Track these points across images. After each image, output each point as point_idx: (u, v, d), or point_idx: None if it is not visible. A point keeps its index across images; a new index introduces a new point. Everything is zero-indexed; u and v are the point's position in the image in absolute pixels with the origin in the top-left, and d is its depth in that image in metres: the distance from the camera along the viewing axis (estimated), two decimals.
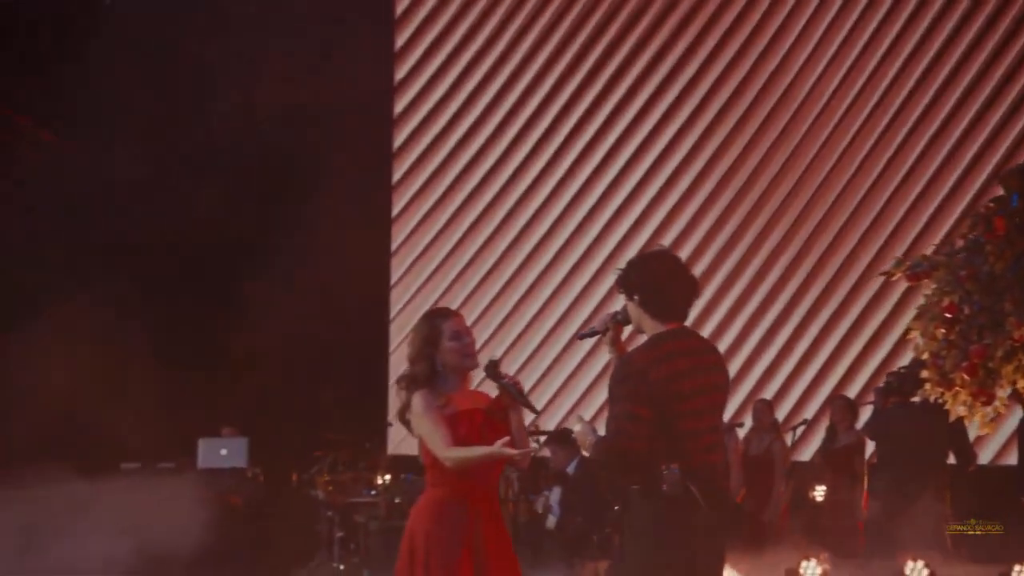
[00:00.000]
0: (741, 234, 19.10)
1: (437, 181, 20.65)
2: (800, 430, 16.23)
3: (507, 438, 7.06)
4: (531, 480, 16.43)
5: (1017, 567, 11.89)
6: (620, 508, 7.13)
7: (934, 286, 10.92)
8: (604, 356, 8.10)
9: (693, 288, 7.06)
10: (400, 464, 16.77)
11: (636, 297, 6.96)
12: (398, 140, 21.05)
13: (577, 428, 7.04)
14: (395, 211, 20.81)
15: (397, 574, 7.45)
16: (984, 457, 16.29)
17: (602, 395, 17.18)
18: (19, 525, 13.08)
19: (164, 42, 18.45)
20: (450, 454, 7.19)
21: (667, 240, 19.04)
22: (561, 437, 15.65)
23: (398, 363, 19.65)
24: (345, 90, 18.92)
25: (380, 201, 20.73)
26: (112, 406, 16.34)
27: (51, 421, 15.51)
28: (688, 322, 7.06)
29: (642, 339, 6.94)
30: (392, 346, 20.33)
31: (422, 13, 21.31)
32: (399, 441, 18.35)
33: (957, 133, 18.61)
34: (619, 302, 6.91)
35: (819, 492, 15.15)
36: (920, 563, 12.30)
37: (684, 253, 17.52)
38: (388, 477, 16.14)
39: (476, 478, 7.34)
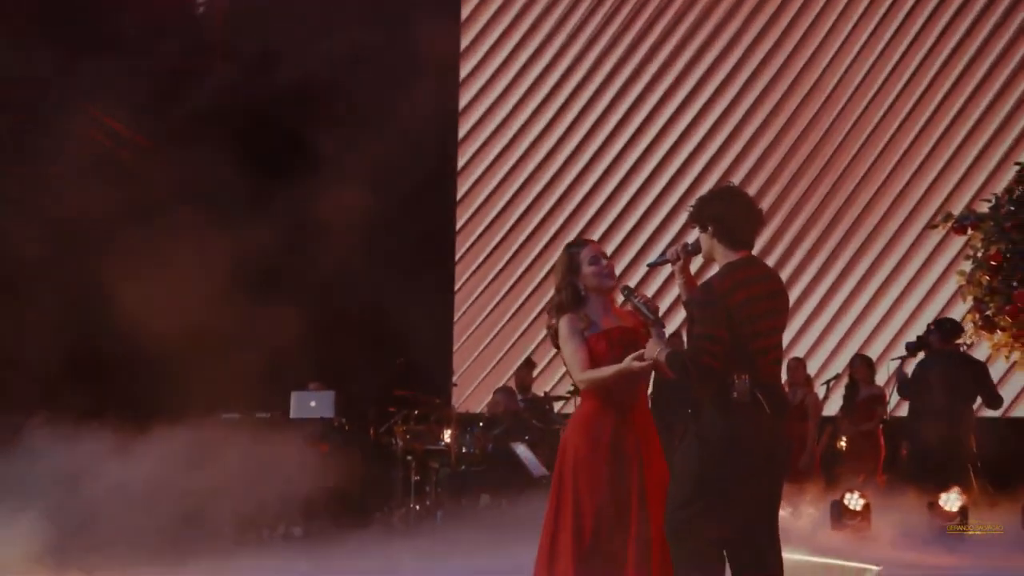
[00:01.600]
0: (780, 204, 19.54)
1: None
2: (830, 384, 16.49)
3: (638, 352, 7.20)
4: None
5: None
6: (691, 414, 7.17)
7: (981, 237, 11.34)
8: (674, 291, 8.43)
9: (760, 219, 7.29)
10: (465, 419, 17.04)
11: (710, 228, 7.13)
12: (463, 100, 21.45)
13: (650, 343, 7.18)
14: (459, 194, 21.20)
15: (553, 480, 7.72)
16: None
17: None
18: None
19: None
20: (582, 376, 7.45)
21: None
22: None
23: (461, 332, 20.71)
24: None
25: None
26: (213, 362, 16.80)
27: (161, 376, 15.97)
28: None
29: (711, 269, 7.18)
30: (456, 316, 20.84)
31: None
32: (463, 399, 19.18)
33: (990, 96, 19.10)
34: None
35: (843, 442, 15.80)
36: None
37: None
38: (450, 432, 16.34)
39: (620, 392, 7.46)
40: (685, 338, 7.53)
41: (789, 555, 7.16)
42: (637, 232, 20.53)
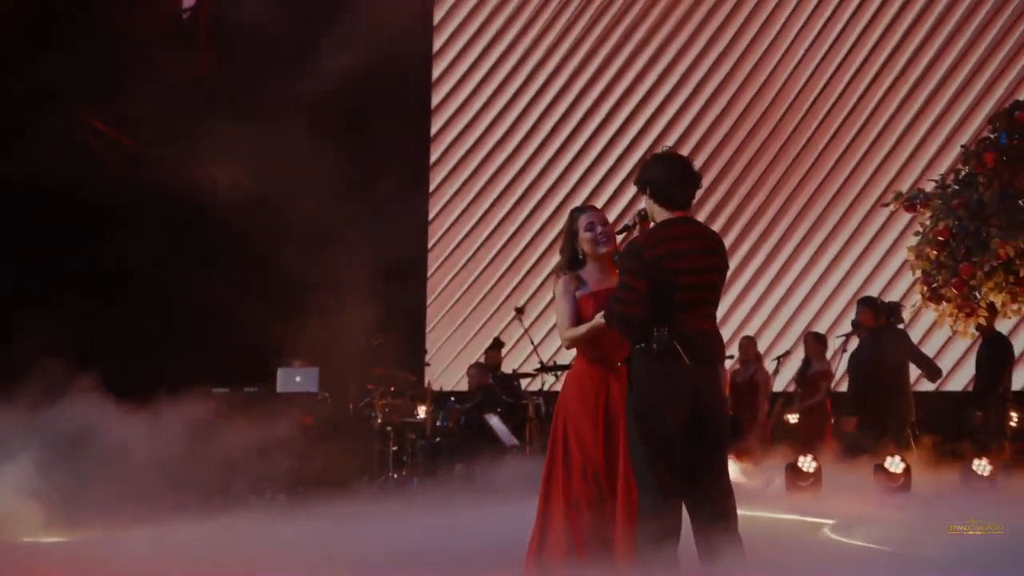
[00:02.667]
0: (736, 188, 19.89)
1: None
2: (780, 360, 16.56)
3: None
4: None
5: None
6: (626, 361, 7.26)
7: (929, 214, 11.71)
8: None
9: (694, 180, 7.38)
10: (439, 395, 17.29)
11: (648, 190, 7.34)
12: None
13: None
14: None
15: (549, 436, 7.84)
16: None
17: None
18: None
19: None
20: (565, 335, 7.71)
21: None
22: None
23: (434, 314, 21.06)
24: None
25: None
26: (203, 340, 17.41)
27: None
28: None
29: None
30: (429, 300, 21.21)
31: None
32: (437, 376, 19.41)
33: (934, 82, 19.43)
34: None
35: (792, 417, 16.08)
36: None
37: None
38: (425, 408, 16.64)
39: (607, 348, 7.61)
40: None
41: (745, 512, 7.28)
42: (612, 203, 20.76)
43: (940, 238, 11.74)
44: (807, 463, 13.42)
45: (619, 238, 8.11)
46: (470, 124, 21.65)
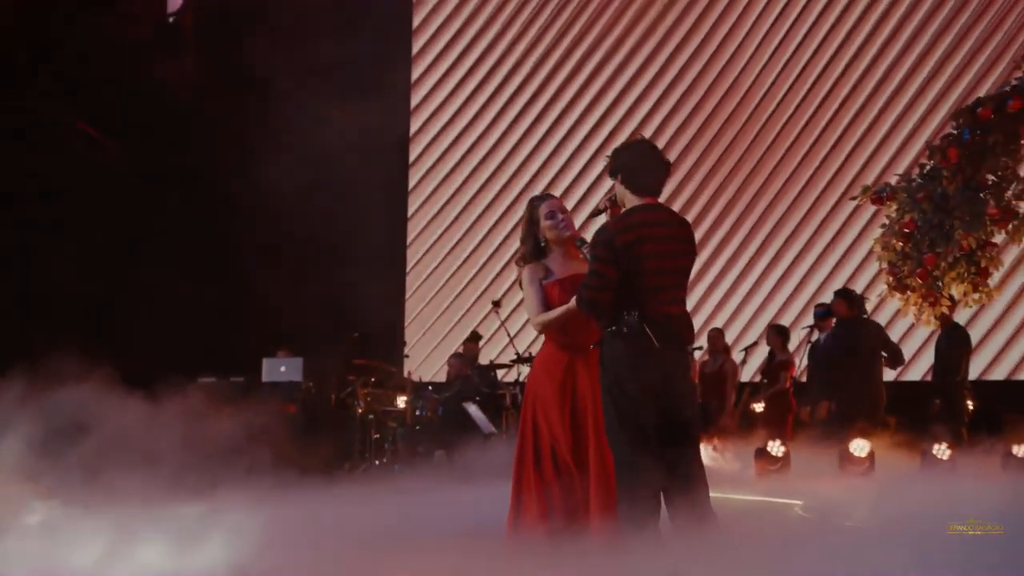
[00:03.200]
0: (705, 184, 19.96)
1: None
2: (747, 351, 16.90)
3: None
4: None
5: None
6: (598, 344, 7.31)
7: (894, 206, 11.96)
8: None
9: (664, 168, 7.41)
10: (418, 385, 17.23)
11: (619, 176, 7.34)
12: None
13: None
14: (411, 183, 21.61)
15: (520, 421, 7.89)
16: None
17: None
18: None
19: None
20: (535, 319, 7.69)
21: None
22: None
23: (412, 309, 21.19)
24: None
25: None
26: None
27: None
28: None
29: None
30: (408, 294, 21.32)
31: None
32: (416, 367, 19.25)
33: (897, 79, 19.49)
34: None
35: (758, 406, 16.19)
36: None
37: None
38: (405, 397, 16.68)
39: (574, 333, 7.61)
40: None
41: (716, 494, 7.35)
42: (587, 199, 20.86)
43: (906, 230, 11.88)
44: (776, 447, 13.64)
45: (592, 220, 8.28)
46: (448, 124, 21.77)
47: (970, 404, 14.42)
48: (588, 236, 7.47)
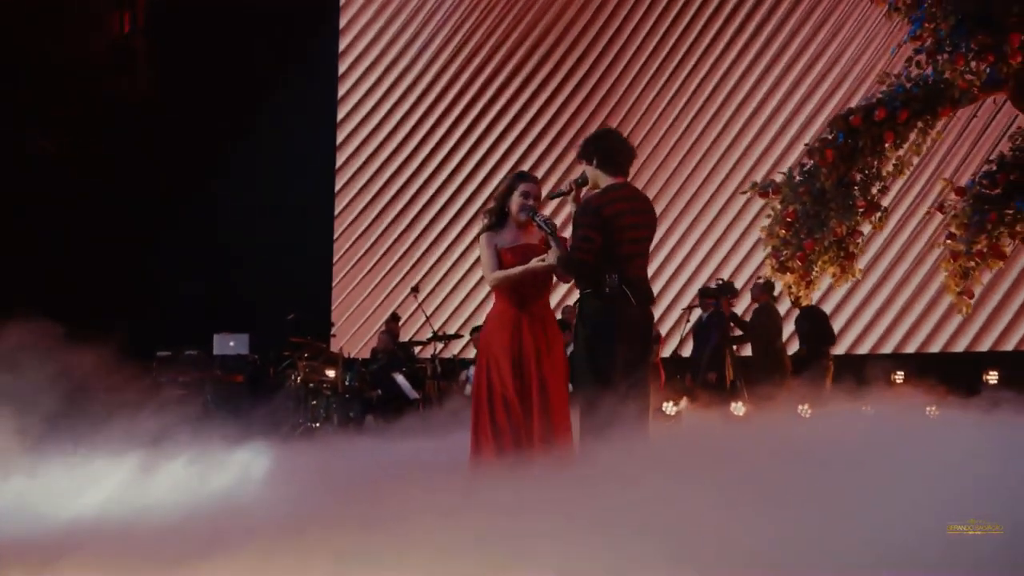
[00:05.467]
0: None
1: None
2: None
3: (540, 257, 7.78)
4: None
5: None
6: (576, 304, 7.78)
7: (779, 199, 12.70)
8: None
9: (632, 152, 7.88)
10: (348, 360, 17.62)
11: (594, 160, 7.71)
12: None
13: (550, 252, 7.70)
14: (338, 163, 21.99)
15: (475, 367, 8.22)
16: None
17: None
18: None
19: None
20: (492, 276, 7.97)
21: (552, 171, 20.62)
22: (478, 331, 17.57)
23: (338, 294, 21.63)
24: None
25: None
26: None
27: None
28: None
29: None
30: (335, 281, 21.76)
31: None
32: (343, 343, 19.86)
33: (783, 90, 20.22)
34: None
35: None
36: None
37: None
38: (335, 370, 16.80)
39: (523, 291, 7.96)
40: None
41: None
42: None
43: (788, 219, 12.25)
44: (669, 407, 14.15)
45: (554, 202, 8.81)
46: (375, 129, 22.23)
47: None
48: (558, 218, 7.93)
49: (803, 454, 7.23)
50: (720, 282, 15.69)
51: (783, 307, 16.22)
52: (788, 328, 15.63)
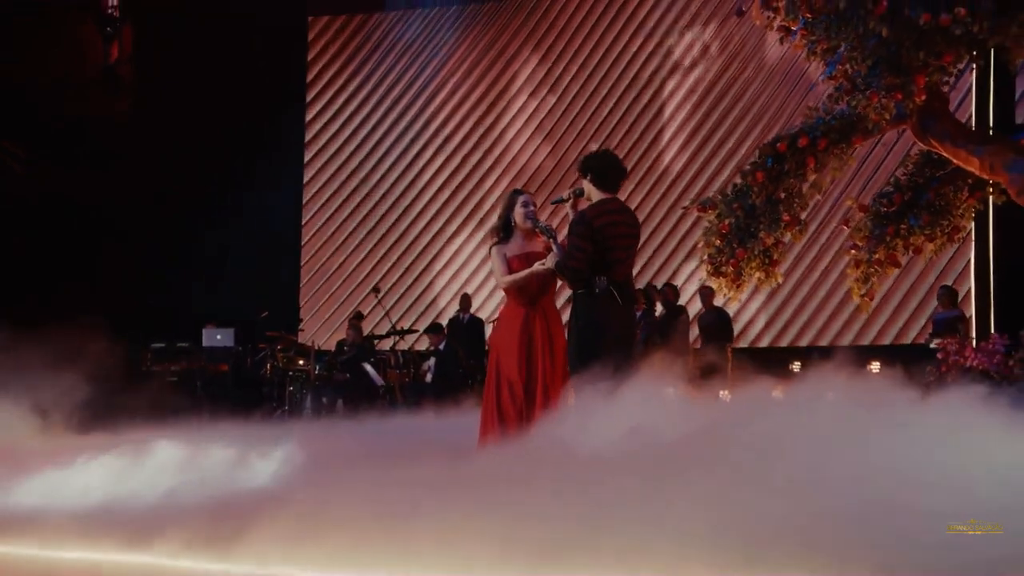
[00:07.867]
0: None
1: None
2: None
3: (541, 261, 8.06)
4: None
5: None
6: (570, 303, 7.91)
7: (715, 214, 12.82)
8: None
9: (623, 172, 8.11)
10: (319, 352, 18.20)
11: (589, 176, 7.92)
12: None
13: (550, 256, 7.97)
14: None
15: (487, 365, 8.46)
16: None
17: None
18: None
19: None
20: (503, 279, 8.29)
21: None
22: (433, 328, 17.60)
23: (305, 293, 22.12)
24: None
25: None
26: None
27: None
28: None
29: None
30: (302, 281, 22.22)
31: None
32: (310, 336, 20.35)
33: (708, 127, 20.63)
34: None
35: None
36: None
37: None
38: (306, 361, 17.43)
39: (531, 291, 8.23)
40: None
41: None
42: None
43: (723, 231, 12.57)
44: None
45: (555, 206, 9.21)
46: (346, 137, 22.68)
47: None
48: (565, 226, 8.23)
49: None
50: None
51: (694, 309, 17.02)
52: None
